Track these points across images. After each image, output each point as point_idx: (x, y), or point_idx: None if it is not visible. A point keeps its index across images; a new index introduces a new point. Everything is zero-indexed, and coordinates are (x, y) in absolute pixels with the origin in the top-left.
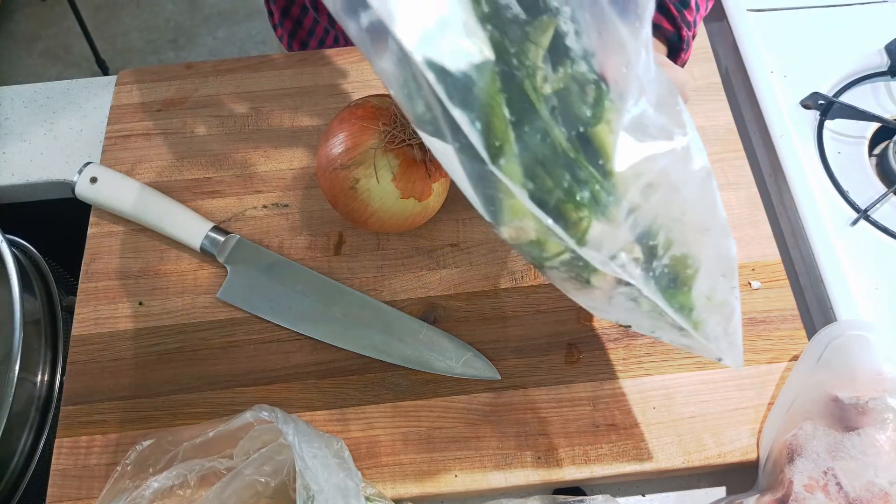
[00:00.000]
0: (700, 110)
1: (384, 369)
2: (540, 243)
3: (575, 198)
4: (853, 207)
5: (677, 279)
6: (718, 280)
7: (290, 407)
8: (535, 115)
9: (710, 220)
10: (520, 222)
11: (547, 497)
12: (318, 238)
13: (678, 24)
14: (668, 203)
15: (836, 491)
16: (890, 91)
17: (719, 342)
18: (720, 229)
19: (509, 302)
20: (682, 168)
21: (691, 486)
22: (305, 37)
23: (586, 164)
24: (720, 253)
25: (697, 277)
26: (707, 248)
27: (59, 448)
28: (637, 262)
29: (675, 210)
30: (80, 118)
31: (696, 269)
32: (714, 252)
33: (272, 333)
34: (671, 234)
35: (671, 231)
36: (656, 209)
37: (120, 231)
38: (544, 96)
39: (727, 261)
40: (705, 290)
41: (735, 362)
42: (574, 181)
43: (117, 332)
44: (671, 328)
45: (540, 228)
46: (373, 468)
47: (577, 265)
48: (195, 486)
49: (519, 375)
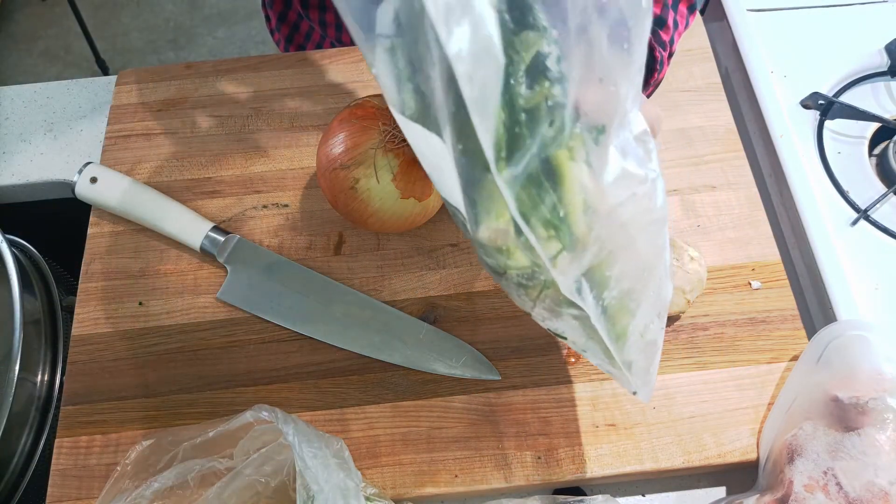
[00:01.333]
0: (700, 110)
1: (384, 369)
2: (509, 253)
3: (551, 221)
4: (853, 207)
5: (621, 311)
6: (654, 319)
7: (290, 407)
8: (534, 128)
9: (657, 260)
10: (499, 230)
11: (547, 497)
12: (318, 238)
13: (651, 43)
14: (628, 235)
15: (836, 491)
16: (890, 91)
17: (639, 377)
18: (664, 270)
19: (509, 302)
20: (645, 204)
21: (691, 486)
22: (302, 41)
23: (549, 188)
24: (660, 294)
25: (637, 313)
26: (650, 287)
27: (59, 448)
28: (591, 288)
29: (632, 244)
30: (80, 118)
31: (639, 304)
32: (655, 292)
33: (272, 333)
34: (625, 267)
35: (626, 264)
36: (617, 239)
37: (120, 231)
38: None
39: (663, 302)
40: (640, 326)
41: (646, 397)
42: (551, 205)
43: (117, 332)
44: (603, 354)
45: (518, 243)
46: (373, 468)
47: (537, 279)
48: (195, 486)
49: (519, 375)
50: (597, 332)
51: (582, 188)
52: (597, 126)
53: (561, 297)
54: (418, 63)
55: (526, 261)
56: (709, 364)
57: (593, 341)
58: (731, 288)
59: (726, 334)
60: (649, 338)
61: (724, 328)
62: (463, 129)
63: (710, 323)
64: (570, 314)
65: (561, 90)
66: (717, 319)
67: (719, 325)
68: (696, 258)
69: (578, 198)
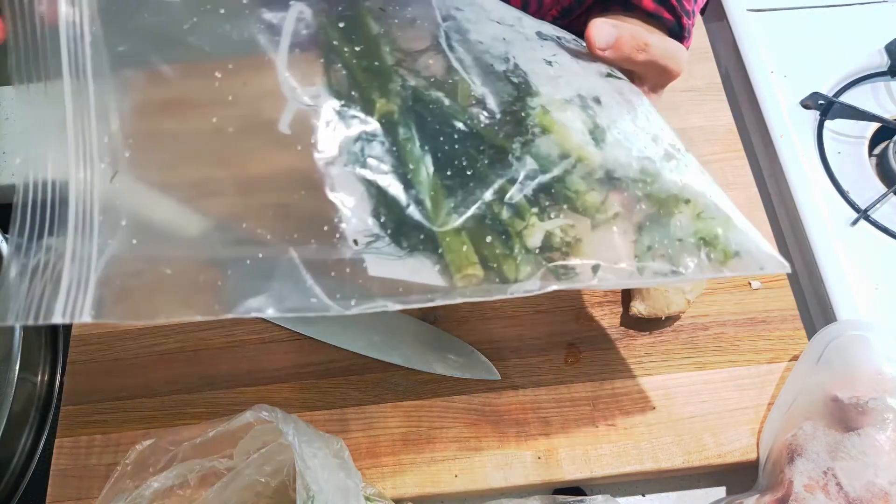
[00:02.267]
0: (700, 110)
1: (384, 369)
2: (517, 268)
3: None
4: (853, 207)
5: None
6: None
7: (290, 407)
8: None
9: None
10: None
11: (547, 497)
12: None
13: (678, 13)
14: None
15: (836, 491)
16: (890, 91)
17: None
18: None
19: (509, 302)
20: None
21: (691, 486)
22: None
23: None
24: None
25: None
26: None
27: (59, 448)
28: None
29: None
30: None
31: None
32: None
33: (272, 333)
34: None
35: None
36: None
37: None
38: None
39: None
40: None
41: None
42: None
43: (117, 332)
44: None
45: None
46: (373, 468)
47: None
48: (195, 486)
49: (519, 375)
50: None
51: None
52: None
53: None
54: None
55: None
56: (709, 364)
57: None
58: (731, 288)
59: (726, 334)
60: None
61: (725, 328)
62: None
63: (710, 323)
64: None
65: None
66: (718, 319)
67: (719, 325)
68: None
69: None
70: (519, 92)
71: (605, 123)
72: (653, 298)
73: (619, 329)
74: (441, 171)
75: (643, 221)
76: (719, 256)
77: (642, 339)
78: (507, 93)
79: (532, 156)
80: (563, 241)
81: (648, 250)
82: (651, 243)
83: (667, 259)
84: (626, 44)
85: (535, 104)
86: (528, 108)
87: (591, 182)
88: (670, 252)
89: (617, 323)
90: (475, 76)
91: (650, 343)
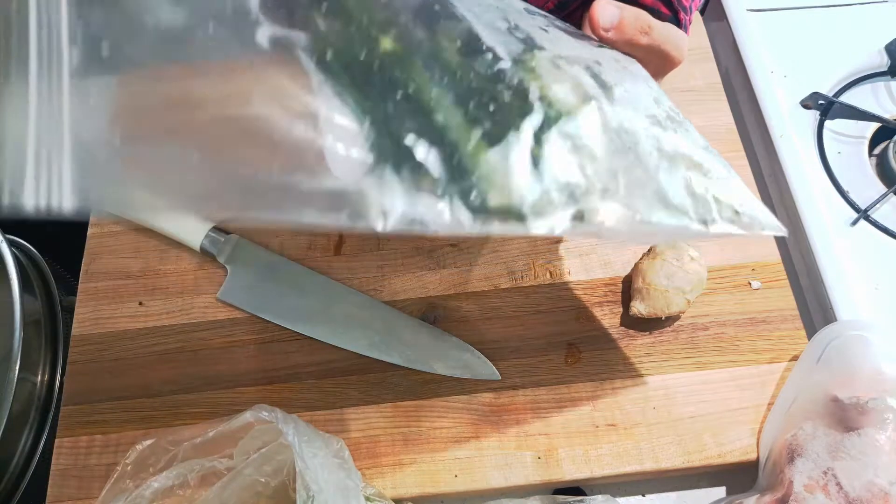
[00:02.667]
0: (700, 110)
1: (384, 369)
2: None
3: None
4: (853, 207)
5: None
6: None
7: (290, 407)
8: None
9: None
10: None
11: (547, 497)
12: (318, 238)
13: (675, 7)
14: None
15: (836, 491)
16: (890, 91)
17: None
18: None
19: (509, 302)
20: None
21: (691, 486)
22: None
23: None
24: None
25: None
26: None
27: (59, 448)
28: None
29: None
30: None
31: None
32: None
33: (272, 333)
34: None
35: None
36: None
37: (120, 231)
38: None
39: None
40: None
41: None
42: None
43: (117, 332)
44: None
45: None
46: (373, 468)
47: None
48: (195, 486)
49: (519, 375)
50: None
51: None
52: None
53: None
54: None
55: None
56: (709, 364)
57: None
58: (731, 288)
59: (726, 334)
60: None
61: (725, 328)
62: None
63: (710, 323)
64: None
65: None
66: (718, 319)
67: (719, 325)
68: (697, 258)
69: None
70: (526, 45)
71: (611, 81)
72: (653, 298)
73: (619, 329)
74: (463, 105)
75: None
76: (729, 214)
77: (642, 339)
78: (515, 45)
79: (550, 100)
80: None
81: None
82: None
83: (685, 214)
84: (629, 25)
85: (543, 56)
86: (539, 58)
87: (609, 132)
88: (687, 206)
89: (617, 323)
90: (481, 29)
91: (650, 343)
